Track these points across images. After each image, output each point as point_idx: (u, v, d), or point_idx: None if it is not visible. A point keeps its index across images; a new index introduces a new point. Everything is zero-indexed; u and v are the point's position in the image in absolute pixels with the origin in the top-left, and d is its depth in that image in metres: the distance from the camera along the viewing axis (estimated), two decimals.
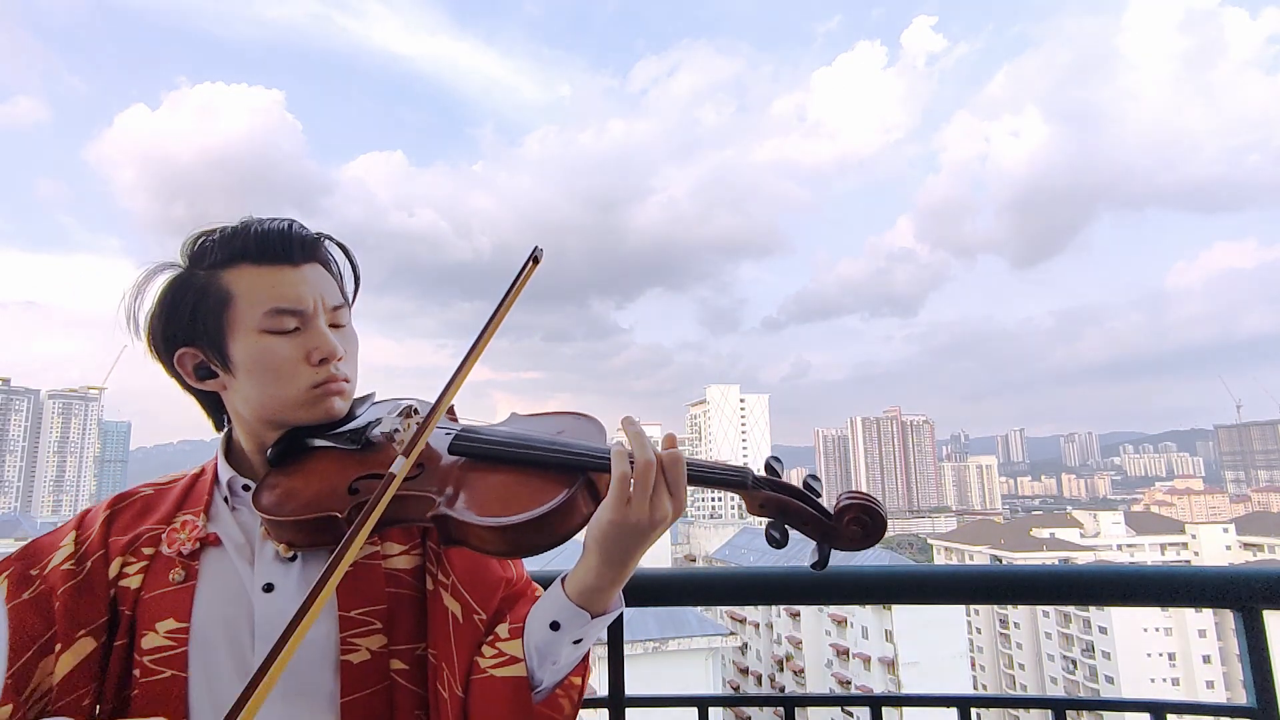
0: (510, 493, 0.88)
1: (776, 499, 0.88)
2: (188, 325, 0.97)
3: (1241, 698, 1.31)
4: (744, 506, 0.86)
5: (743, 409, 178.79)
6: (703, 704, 1.41)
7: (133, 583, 0.93)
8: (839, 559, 0.88)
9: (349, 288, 1.09)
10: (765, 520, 0.89)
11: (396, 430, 0.99)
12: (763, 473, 0.91)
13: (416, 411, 1.02)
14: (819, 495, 0.90)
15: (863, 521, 0.86)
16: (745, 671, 59.64)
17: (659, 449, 0.86)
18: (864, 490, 0.88)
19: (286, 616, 0.82)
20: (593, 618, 0.90)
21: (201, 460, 1.11)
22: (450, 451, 0.96)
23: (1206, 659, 55.18)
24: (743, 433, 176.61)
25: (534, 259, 0.95)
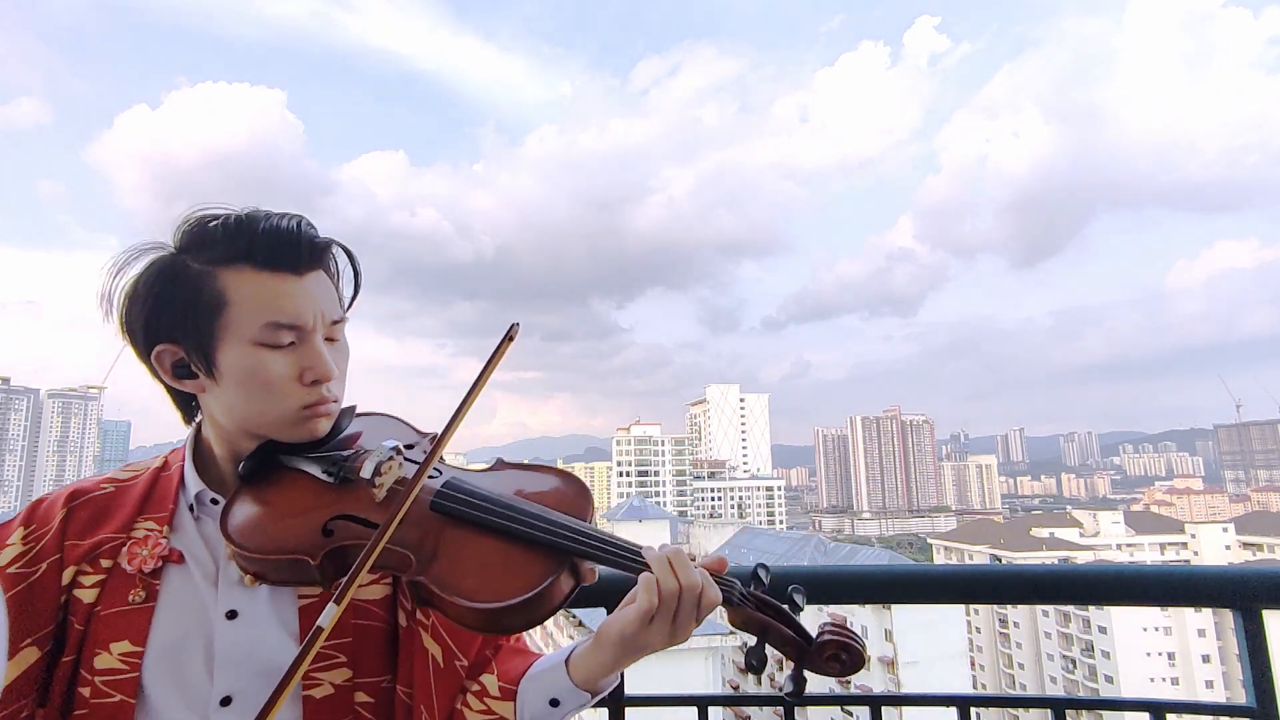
0: (491, 570, 0.83)
1: (759, 620, 0.85)
2: (173, 321, 0.89)
3: (1241, 697, 1.31)
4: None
5: (742, 408, 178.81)
6: (702, 703, 1.41)
7: (88, 596, 0.87)
8: (838, 557, 0.86)
9: (347, 292, 1.03)
10: (746, 644, 0.89)
11: (378, 475, 0.91)
12: (750, 582, 0.88)
13: (400, 453, 0.95)
14: (801, 609, 0.87)
15: (840, 659, 0.83)
16: (745, 671, 59.63)
17: (694, 576, 0.83)
18: (846, 624, 0.85)
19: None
20: (593, 696, 0.92)
21: None
22: (432, 509, 0.90)
23: (1206, 659, 55.19)
24: (742, 432, 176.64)
25: (509, 337, 0.90)
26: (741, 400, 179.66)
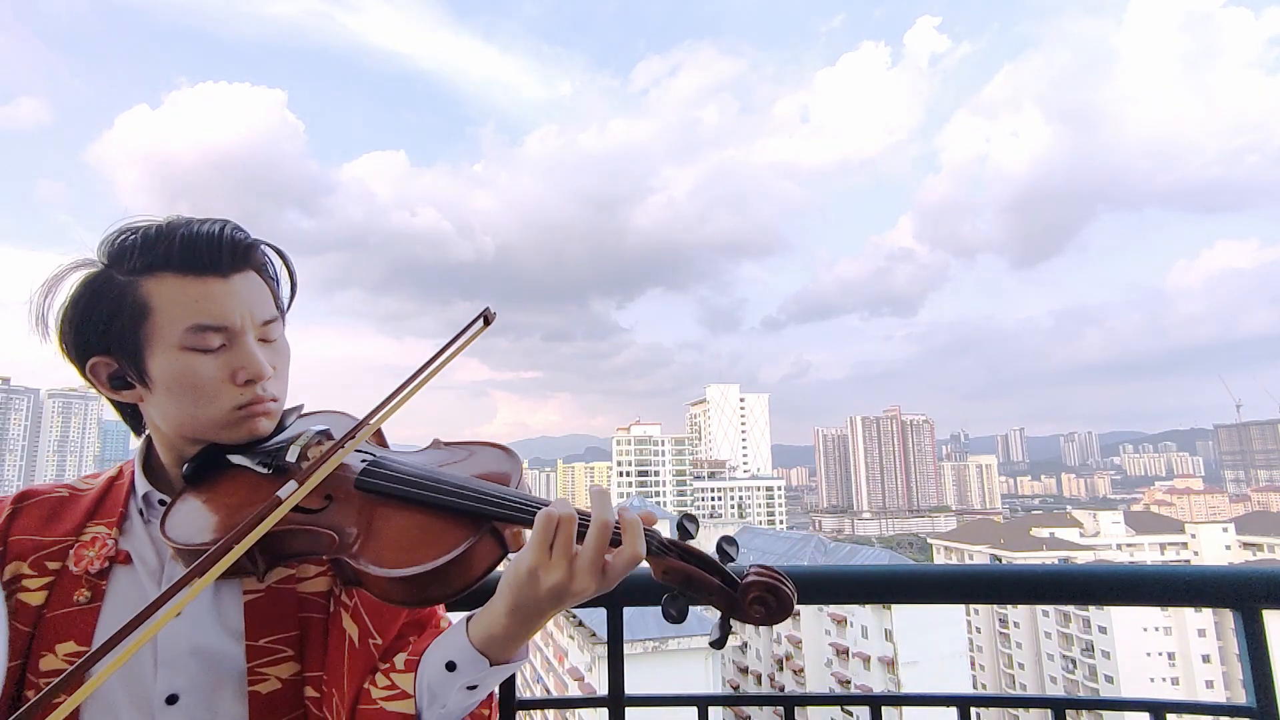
0: (410, 540, 0.83)
1: (681, 569, 0.81)
2: (102, 333, 0.90)
3: (1241, 697, 1.31)
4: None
5: (743, 408, 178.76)
6: (702, 703, 1.41)
7: (35, 599, 0.87)
8: (838, 557, 0.81)
9: (285, 294, 1.02)
10: (663, 594, 0.81)
11: (303, 460, 0.93)
12: (675, 534, 0.83)
13: (331, 438, 0.96)
14: (732, 559, 0.83)
15: (765, 602, 0.78)
16: (745, 671, 59.67)
17: (607, 512, 0.79)
18: (777, 568, 0.81)
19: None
20: (491, 665, 0.84)
21: None
22: (356, 487, 0.91)
23: (1206, 658, 55.19)
24: (742, 432, 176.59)
25: (484, 318, 0.90)
26: (741, 400, 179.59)
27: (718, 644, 0.81)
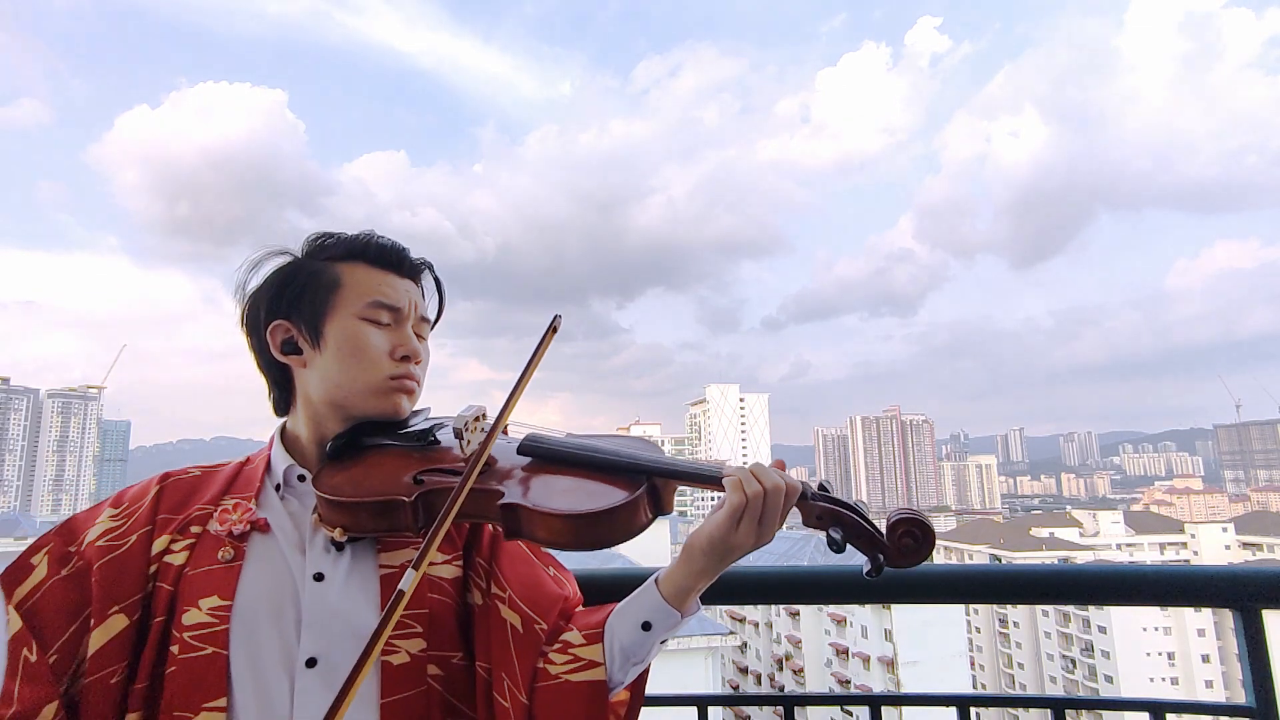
0: (578, 488, 0.93)
1: (833, 511, 0.92)
2: (292, 301, 1.05)
3: (1240, 697, 1.31)
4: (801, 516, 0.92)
5: (742, 408, 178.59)
6: (702, 703, 1.41)
7: (177, 559, 0.94)
8: (836, 558, 0.95)
9: (431, 316, 1.18)
10: (823, 532, 0.92)
11: (466, 426, 1.03)
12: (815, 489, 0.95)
13: (485, 417, 1.06)
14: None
15: (914, 534, 0.89)
16: (745, 671, 59.63)
17: (777, 478, 0.90)
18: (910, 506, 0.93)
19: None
20: (682, 617, 0.94)
21: (199, 459, 1.17)
22: (519, 452, 1.01)
23: (1205, 658, 55.20)
24: (742, 432, 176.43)
25: (553, 328, 1.00)
26: (741, 400, 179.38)
27: (875, 571, 0.90)
